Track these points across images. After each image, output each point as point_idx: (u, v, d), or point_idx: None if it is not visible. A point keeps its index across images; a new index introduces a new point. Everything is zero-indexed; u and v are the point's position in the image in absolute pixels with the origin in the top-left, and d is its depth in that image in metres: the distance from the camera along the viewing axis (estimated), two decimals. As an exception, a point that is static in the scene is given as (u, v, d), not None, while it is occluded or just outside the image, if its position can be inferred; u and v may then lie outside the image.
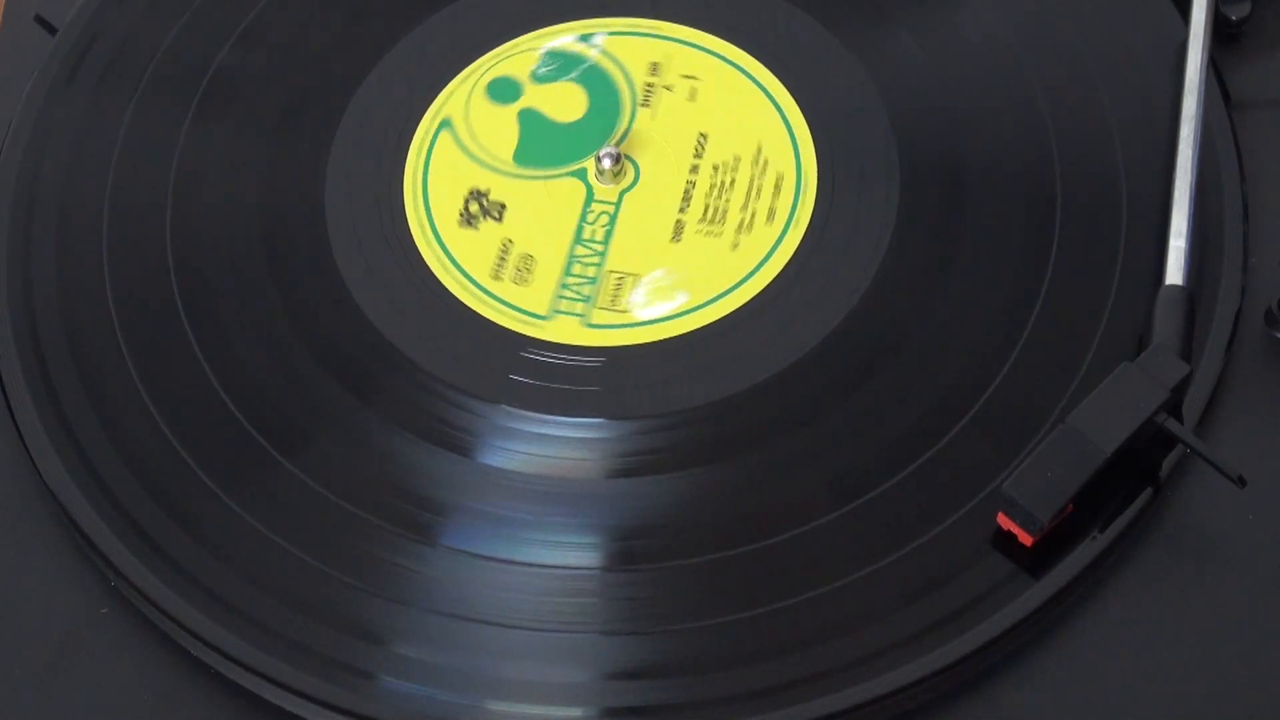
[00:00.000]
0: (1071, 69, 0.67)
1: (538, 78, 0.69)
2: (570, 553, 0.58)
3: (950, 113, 0.67)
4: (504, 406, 0.61)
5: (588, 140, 0.68)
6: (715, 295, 0.63)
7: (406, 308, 0.64)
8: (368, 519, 0.58)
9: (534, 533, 0.58)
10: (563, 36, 0.70)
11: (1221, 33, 0.67)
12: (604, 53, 0.68)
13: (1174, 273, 0.60)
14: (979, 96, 0.67)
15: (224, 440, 0.61)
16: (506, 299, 0.64)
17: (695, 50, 0.70)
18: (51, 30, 0.72)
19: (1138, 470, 0.57)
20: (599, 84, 0.69)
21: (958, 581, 0.56)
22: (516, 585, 0.57)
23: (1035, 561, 0.55)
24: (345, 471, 0.60)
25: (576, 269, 0.64)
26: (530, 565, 0.57)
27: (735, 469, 0.59)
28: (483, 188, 0.66)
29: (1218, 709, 0.54)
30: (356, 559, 0.58)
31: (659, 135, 0.68)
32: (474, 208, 0.65)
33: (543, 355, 0.62)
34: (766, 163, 0.65)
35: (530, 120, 0.69)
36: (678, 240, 0.65)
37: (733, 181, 0.65)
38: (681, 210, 0.66)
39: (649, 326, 0.63)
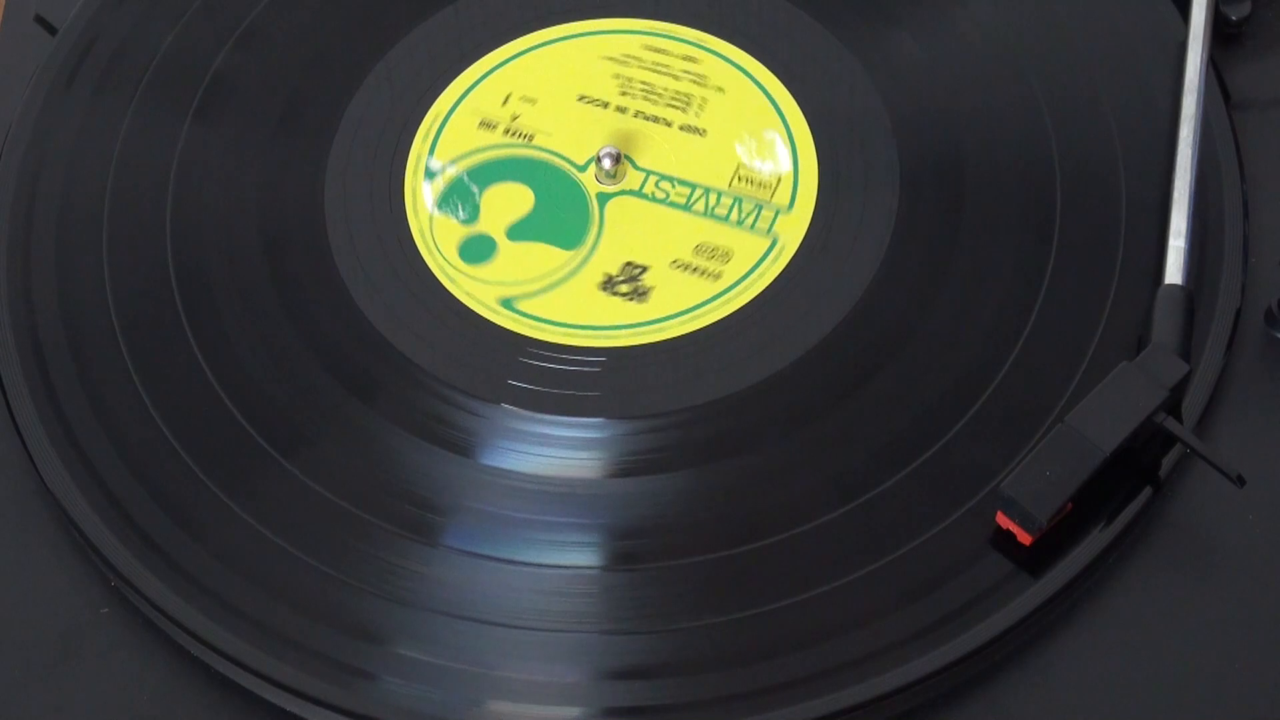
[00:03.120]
0: (1071, 69, 0.67)
1: (465, 219, 0.66)
2: (570, 553, 0.58)
3: (950, 113, 0.67)
4: (504, 406, 0.61)
5: (568, 215, 0.66)
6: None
7: (406, 308, 0.64)
8: (368, 519, 0.58)
9: (534, 533, 0.58)
10: (424, 183, 0.67)
11: (1221, 33, 0.67)
12: (453, 164, 0.67)
13: (1173, 272, 0.60)
14: (979, 96, 0.67)
15: (224, 441, 0.61)
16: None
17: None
18: (51, 30, 0.72)
19: (1137, 470, 0.57)
20: (515, 170, 0.68)
21: (958, 581, 0.56)
22: (516, 585, 0.57)
23: (1035, 561, 0.55)
24: (345, 472, 0.60)
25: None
26: (530, 565, 0.57)
27: (735, 469, 0.59)
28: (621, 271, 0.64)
29: (1218, 709, 0.54)
30: (357, 559, 0.58)
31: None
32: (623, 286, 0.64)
33: (544, 355, 0.62)
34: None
35: (524, 227, 0.67)
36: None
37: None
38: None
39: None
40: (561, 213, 0.66)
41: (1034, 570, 0.55)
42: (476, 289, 0.64)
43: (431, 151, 0.68)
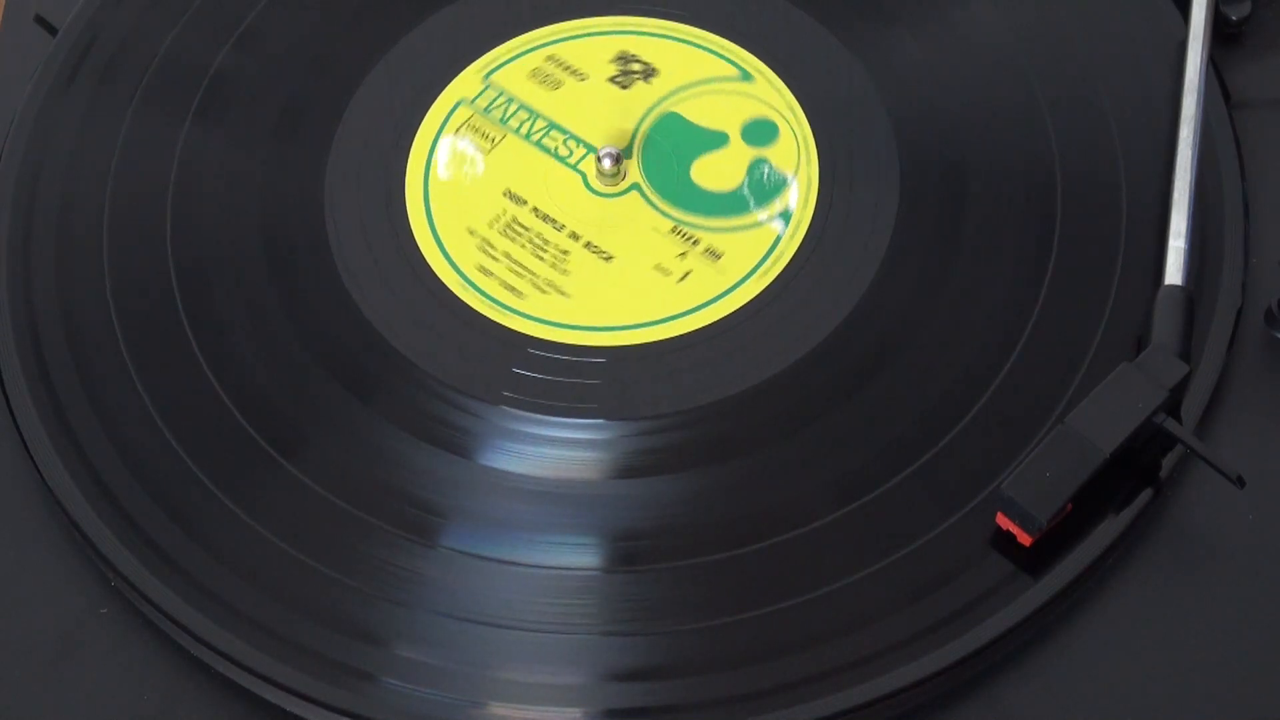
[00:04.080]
0: (1071, 69, 0.67)
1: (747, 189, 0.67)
2: (570, 553, 0.58)
3: (950, 113, 0.67)
4: (504, 407, 0.61)
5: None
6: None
7: (406, 308, 0.64)
8: (368, 520, 0.58)
9: (534, 533, 0.58)
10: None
11: (1221, 33, 0.67)
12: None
13: (1173, 273, 0.60)
14: (979, 96, 0.67)
15: (224, 440, 0.61)
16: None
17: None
18: (52, 30, 0.72)
19: (1138, 470, 0.57)
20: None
21: (958, 581, 0.56)
22: (516, 586, 0.57)
23: (1035, 561, 0.56)
24: (345, 472, 0.60)
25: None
26: (530, 565, 0.57)
27: (735, 469, 0.59)
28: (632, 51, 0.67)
29: (1218, 709, 0.54)
30: (356, 560, 0.58)
31: None
32: (634, 66, 0.65)
33: (544, 355, 0.62)
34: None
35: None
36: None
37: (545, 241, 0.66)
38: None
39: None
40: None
41: (1034, 571, 0.55)
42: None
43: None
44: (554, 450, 0.60)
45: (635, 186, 0.67)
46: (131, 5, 0.72)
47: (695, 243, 0.65)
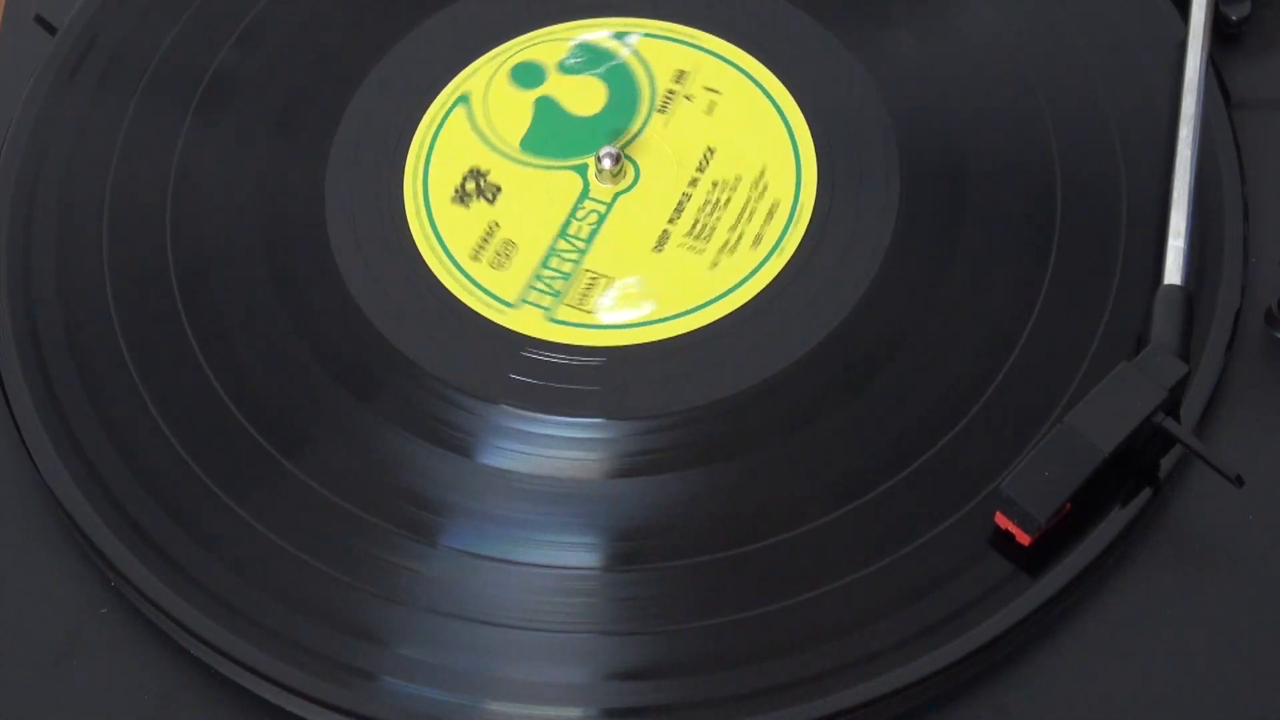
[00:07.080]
0: (1071, 69, 0.67)
1: (564, 68, 0.69)
2: (570, 553, 0.58)
3: (950, 113, 0.67)
4: (504, 406, 0.61)
5: (597, 136, 0.68)
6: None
7: (406, 307, 0.64)
8: (368, 519, 0.58)
9: (534, 533, 0.58)
10: (598, 31, 0.70)
11: (1221, 33, 0.67)
12: (634, 53, 0.68)
13: (1173, 273, 0.60)
14: (979, 96, 0.67)
15: (224, 440, 0.61)
16: (480, 281, 0.64)
17: (716, 60, 0.69)
18: (51, 30, 0.72)
19: (1137, 470, 0.57)
20: (622, 83, 0.69)
21: (957, 582, 0.56)
22: (516, 585, 0.57)
23: (1034, 561, 0.56)
24: (345, 471, 0.60)
25: (554, 262, 0.65)
26: (530, 565, 0.57)
27: (735, 469, 0.59)
28: (483, 168, 0.66)
29: (1218, 709, 0.54)
30: (357, 559, 0.58)
31: (668, 142, 0.68)
32: (470, 186, 0.65)
33: (544, 355, 0.62)
34: (766, 187, 0.64)
35: (546, 109, 0.69)
36: (659, 250, 0.65)
37: (728, 201, 0.65)
38: (671, 221, 0.65)
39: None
40: (575, 137, 0.68)
41: (1033, 570, 0.55)
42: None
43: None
44: (554, 450, 0.60)
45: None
46: (131, 5, 0.72)
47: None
